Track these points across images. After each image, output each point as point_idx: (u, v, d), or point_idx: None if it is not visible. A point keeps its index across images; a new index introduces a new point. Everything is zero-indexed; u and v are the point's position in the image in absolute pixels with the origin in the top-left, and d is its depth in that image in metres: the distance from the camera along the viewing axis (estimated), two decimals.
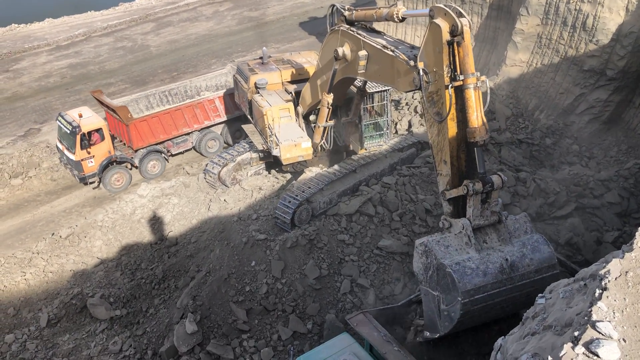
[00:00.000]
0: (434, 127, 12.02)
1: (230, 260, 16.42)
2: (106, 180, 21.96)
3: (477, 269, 11.05)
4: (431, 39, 11.56)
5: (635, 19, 20.23)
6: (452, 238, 11.58)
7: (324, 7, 42.44)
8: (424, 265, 11.74)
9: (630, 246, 5.75)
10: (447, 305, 11.26)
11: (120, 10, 45.59)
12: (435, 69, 11.61)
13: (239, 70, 21.71)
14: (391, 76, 13.45)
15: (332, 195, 18.31)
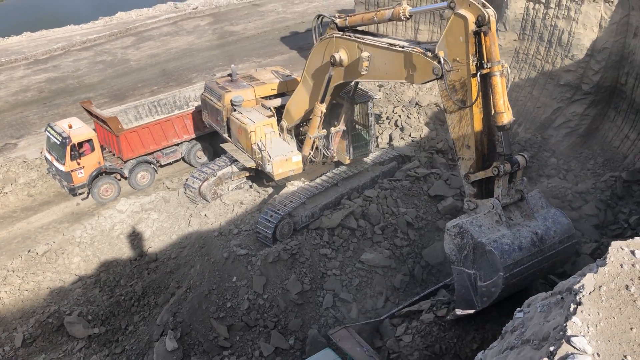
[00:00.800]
0: (454, 114, 12.63)
1: (211, 276, 16.26)
2: (95, 191, 21.79)
3: (513, 244, 11.76)
4: (454, 30, 12.03)
5: (608, 35, 20.69)
6: (483, 218, 12.22)
7: (305, 22, 42.78)
8: (457, 246, 12.27)
9: (604, 260, 5.83)
10: (484, 282, 11.86)
11: (100, 25, 45.34)
12: (458, 58, 12.14)
13: (209, 89, 21.52)
14: (402, 72, 13.93)
15: (314, 209, 18.28)
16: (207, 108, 21.73)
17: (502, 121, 11.96)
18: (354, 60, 15.65)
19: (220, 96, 20.42)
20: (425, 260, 17.15)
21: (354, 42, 15.60)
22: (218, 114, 20.74)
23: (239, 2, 50.17)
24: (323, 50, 17.07)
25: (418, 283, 16.76)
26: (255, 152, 19.23)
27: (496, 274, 11.54)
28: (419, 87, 28.58)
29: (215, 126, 21.68)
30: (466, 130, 12.55)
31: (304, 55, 36.08)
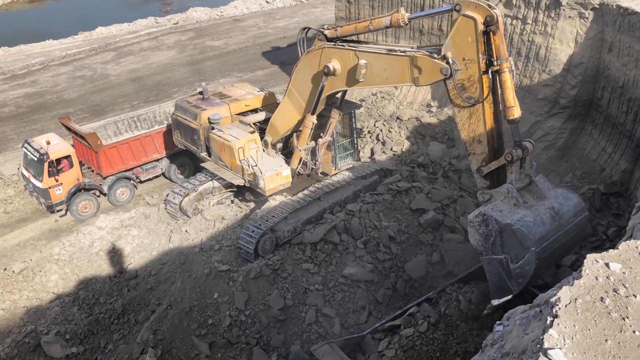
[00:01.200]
0: (463, 111, 13.30)
1: (192, 292, 16.08)
2: (74, 208, 21.47)
3: (536, 220, 12.39)
4: (462, 31, 12.71)
5: (584, 50, 21.11)
6: (501, 204, 12.86)
7: (287, 37, 42.99)
8: (483, 235, 12.77)
9: (579, 273, 5.89)
10: (517, 263, 12.31)
11: (79, 39, 45.06)
12: (466, 57, 12.81)
13: (181, 109, 21.16)
14: (405, 75, 14.50)
15: (297, 224, 18.22)
16: (181, 128, 21.30)
17: (513, 115, 12.81)
18: (348, 69, 15.99)
19: (196, 115, 20.20)
20: (408, 274, 17.17)
21: (348, 50, 15.86)
22: (194, 133, 20.46)
23: (220, 18, 50.28)
24: (312, 62, 17.23)
25: (401, 297, 16.77)
26: (243, 168, 19.05)
27: (527, 251, 12.01)
28: (400, 101, 28.84)
29: (190, 146, 21.30)
30: (477, 126, 13.25)
31: (285, 70, 36.21)
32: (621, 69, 19.90)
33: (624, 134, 19.90)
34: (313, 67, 17.29)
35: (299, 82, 18.14)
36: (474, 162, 13.76)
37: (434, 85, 28.25)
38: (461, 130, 13.66)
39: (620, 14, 19.51)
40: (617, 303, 5.49)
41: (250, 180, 19.15)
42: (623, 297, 5.56)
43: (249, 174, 19.01)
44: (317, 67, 17.16)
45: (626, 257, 6.12)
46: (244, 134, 19.52)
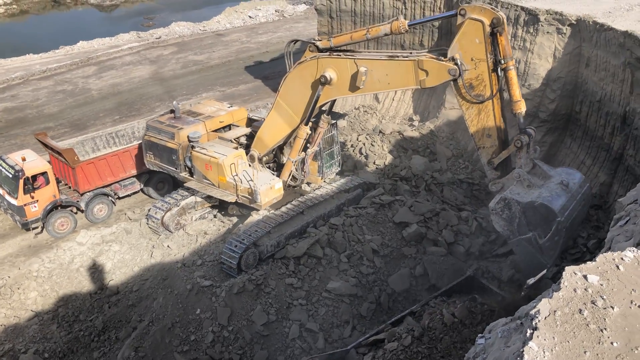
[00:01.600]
0: (472, 108, 14.28)
1: (174, 308, 15.91)
2: (50, 226, 21.13)
3: (552, 195, 13.43)
4: (469, 33, 13.64)
5: (562, 65, 21.49)
6: (515, 188, 13.85)
7: (269, 52, 43.19)
8: (507, 219, 13.68)
9: (558, 285, 5.96)
10: (545, 237, 13.14)
11: (60, 54, 44.78)
12: (475, 58, 13.75)
13: (154, 129, 20.63)
14: (409, 79, 15.19)
15: (280, 238, 18.17)
16: (155, 149, 20.75)
17: (520, 108, 13.97)
18: (345, 78, 16.37)
19: (174, 134, 19.85)
20: (392, 288, 17.16)
21: (346, 59, 16.19)
22: (172, 153, 20.11)
23: (202, 32, 50.36)
24: (304, 73, 17.37)
25: (384, 311, 16.74)
26: (236, 185, 18.87)
27: (553, 223, 12.90)
28: (382, 115, 29.05)
29: (166, 167, 20.82)
30: (486, 121, 14.30)
31: (268, 85, 36.32)
32: (598, 83, 20.28)
33: (602, 147, 20.23)
34: (305, 78, 17.42)
35: (288, 94, 18.15)
36: (484, 156, 14.84)
37: (416, 99, 28.59)
38: (470, 126, 14.68)
39: (596, 30, 19.91)
40: (595, 315, 5.55)
41: (243, 196, 18.94)
42: (601, 308, 5.62)
43: (243, 189, 18.81)
44: (310, 77, 17.28)
45: (604, 269, 6.20)
46: (229, 150, 19.44)
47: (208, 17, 55.37)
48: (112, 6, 66.98)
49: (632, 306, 5.72)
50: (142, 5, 67.63)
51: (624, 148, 18.96)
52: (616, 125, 19.41)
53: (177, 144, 19.83)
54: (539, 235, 13.20)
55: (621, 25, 18.99)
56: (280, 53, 42.06)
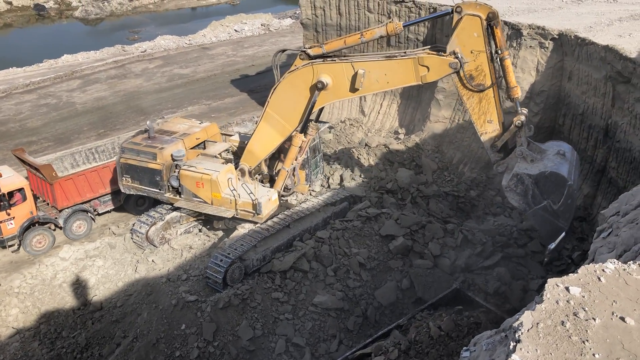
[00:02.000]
0: (473, 98, 15.43)
1: (158, 324, 15.72)
2: (27, 243, 20.78)
3: (556, 164, 14.74)
4: (468, 28, 14.69)
5: (545, 78, 21.78)
6: (521, 164, 15.05)
7: (255, 66, 43.29)
8: (522, 193, 14.80)
9: (541, 297, 5.99)
10: (559, 202, 14.43)
11: (44, 67, 44.51)
12: (474, 50, 14.81)
13: (131, 151, 19.95)
14: (409, 76, 15.96)
15: (266, 252, 18.07)
16: (133, 172, 20.05)
17: (517, 93, 15.38)
18: (341, 81, 16.84)
19: (155, 155, 19.47)
20: (378, 301, 17.12)
21: (342, 63, 16.63)
22: (155, 174, 19.64)
23: (188, 46, 50.39)
24: (296, 81, 17.51)
25: (371, 324, 16.67)
26: (235, 200, 18.75)
27: (565, 187, 14.25)
28: (368, 128, 29.18)
29: (147, 189, 20.19)
30: (487, 108, 15.48)
31: (254, 98, 36.36)
32: (581, 96, 20.57)
33: (585, 160, 20.45)
34: (297, 86, 17.55)
35: (279, 104, 18.13)
36: (487, 141, 16.01)
37: (402, 112, 28.75)
38: (472, 115, 15.86)
39: (578, 44, 20.24)
40: (578, 327, 5.58)
41: (243, 210, 18.80)
42: (583, 320, 5.65)
43: (243, 203, 18.68)
44: (302, 85, 17.45)
45: (585, 280, 6.24)
46: (219, 166, 19.30)
47: (194, 30, 55.45)
48: (97, 20, 66.86)
49: (614, 317, 5.75)
50: (127, 18, 67.59)
51: (607, 160, 19.20)
52: (599, 137, 19.67)
53: (160, 164, 19.43)
54: (553, 202, 14.43)
55: (602, 40, 19.33)
56: (267, 66, 42.36)
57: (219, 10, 69.66)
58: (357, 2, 28.46)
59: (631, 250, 8.00)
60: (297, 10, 51.32)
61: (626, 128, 17.80)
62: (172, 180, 19.51)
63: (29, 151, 26.54)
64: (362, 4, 27.96)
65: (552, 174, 14.40)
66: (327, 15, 30.21)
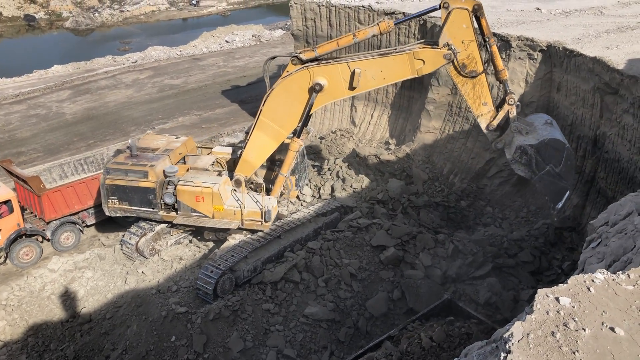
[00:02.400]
0: (467, 84, 16.57)
1: (148, 336, 15.58)
2: (13, 255, 20.55)
3: (549, 132, 16.14)
4: (457, 21, 15.77)
5: (534, 89, 21.97)
6: (518, 137, 16.30)
7: (246, 76, 43.37)
8: (526, 162, 16.16)
9: (531, 308, 6.00)
10: (560, 165, 15.93)
11: (34, 78, 44.35)
12: (465, 40, 15.94)
13: (117, 171, 19.20)
14: (405, 70, 16.83)
15: (257, 263, 18.00)
16: (122, 193, 19.32)
17: (505, 75, 16.67)
18: (337, 82, 17.39)
19: (147, 173, 18.95)
20: (369, 312, 17.08)
21: (337, 64, 17.17)
22: (148, 193, 19.08)
23: (179, 56, 50.43)
24: (291, 86, 17.70)
25: (362, 335, 16.62)
26: (240, 210, 18.76)
27: (564, 150, 15.81)
28: (359, 139, 29.27)
29: (138, 210, 19.57)
30: (481, 92, 16.61)
31: (245, 108, 36.39)
32: (569, 107, 20.76)
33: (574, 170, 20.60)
34: (292, 91, 17.76)
35: (273, 110, 18.18)
36: (483, 122, 17.03)
37: (392, 123, 28.86)
38: (468, 100, 16.92)
39: (566, 56, 20.46)
40: (568, 337, 5.59)
41: (250, 220, 18.86)
42: (573, 331, 5.67)
43: (250, 212, 18.75)
44: (297, 89, 17.67)
45: (575, 291, 6.27)
46: (216, 178, 19.19)
47: (185, 41, 55.55)
48: (87, 30, 66.78)
49: (603, 328, 5.77)
50: (118, 29, 67.60)
51: (596, 171, 19.35)
52: (587, 148, 19.83)
53: (153, 182, 18.94)
54: (555, 165, 15.94)
55: (590, 52, 19.56)
56: (258, 77, 42.46)
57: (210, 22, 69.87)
58: (348, 14, 28.65)
59: (620, 260, 8.04)
60: (288, 21, 51.52)
61: (614, 139, 17.97)
62: (166, 198, 19.07)
63: (18, 162, 26.41)
64: (352, 15, 28.14)
65: (551, 141, 15.83)
66: (318, 26, 30.37)
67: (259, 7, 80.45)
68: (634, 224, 8.89)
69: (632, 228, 8.78)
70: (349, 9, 28.50)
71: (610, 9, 27.37)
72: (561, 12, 27.15)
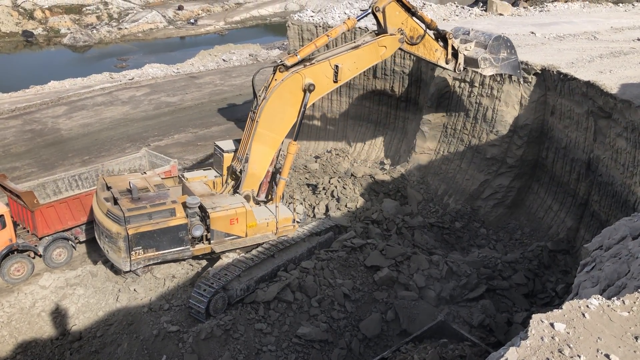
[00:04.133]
0: (420, 47, 20.45)
1: (139, 355, 15.42)
2: (4, 271, 20.31)
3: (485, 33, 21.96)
4: (392, 12, 19.39)
5: (529, 112, 22.15)
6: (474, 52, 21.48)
7: (242, 95, 43.53)
8: (490, 64, 21.39)
9: (526, 334, 5.97)
10: (506, 50, 21.49)
11: (30, 93, 44.31)
12: (403, 20, 19.72)
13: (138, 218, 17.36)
14: (372, 57, 19.77)
15: (250, 282, 17.90)
16: (149, 239, 17.62)
17: (435, 24, 20.79)
18: (322, 79, 18.93)
19: (173, 210, 17.77)
20: (363, 333, 16.96)
21: (321, 63, 18.74)
22: (180, 230, 17.87)
23: (176, 74, 50.58)
24: (283, 92, 18.41)
25: (355, 357, 16.48)
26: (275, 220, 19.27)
27: (501, 38, 21.42)
28: (354, 159, 29.32)
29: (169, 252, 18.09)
30: (430, 45, 20.72)
31: (241, 127, 36.35)
32: (563, 130, 20.91)
33: (568, 193, 20.69)
34: (285, 97, 18.51)
35: (269, 120, 18.62)
36: (441, 61, 21.28)
37: (387, 143, 28.97)
38: (425, 56, 20.79)
39: (560, 79, 20.67)
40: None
41: (285, 227, 19.61)
42: (568, 357, 5.64)
43: (283, 219, 19.44)
44: (289, 94, 18.54)
45: (570, 316, 6.24)
46: (234, 198, 19.15)
47: (182, 59, 55.72)
48: (85, 47, 67.00)
49: (599, 354, 5.74)
50: (115, 46, 67.85)
51: (589, 194, 19.44)
52: (581, 171, 19.94)
53: (183, 217, 17.88)
54: (504, 51, 21.37)
55: (584, 76, 19.78)
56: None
57: (207, 40, 70.19)
58: (344, 35, 28.89)
59: (615, 285, 8.03)
60: (285, 41, 51.91)
61: (608, 162, 18.09)
62: (195, 231, 18.13)
63: (12, 177, 26.25)
64: (349, 36, 28.37)
65: (493, 38, 21.16)
66: None
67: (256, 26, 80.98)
68: (627, 249, 8.91)
69: (626, 253, 8.79)
70: None
71: (603, 34, 27.74)
72: (555, 36, 27.49)
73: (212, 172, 20.91)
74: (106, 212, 17.78)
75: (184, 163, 30.36)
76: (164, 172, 22.36)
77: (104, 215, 17.93)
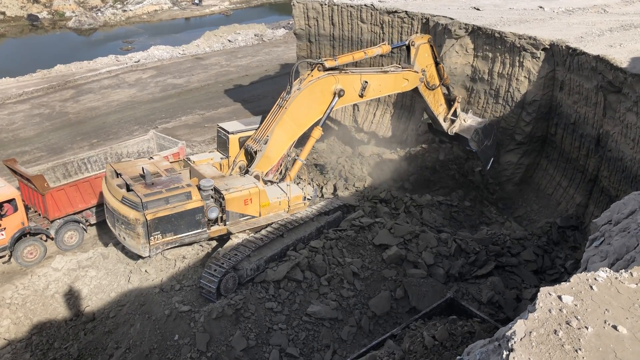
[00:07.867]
0: (430, 95, 21.94)
1: (151, 334, 15.63)
2: (18, 254, 20.61)
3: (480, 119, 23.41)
4: (423, 53, 21.15)
5: (537, 88, 21.93)
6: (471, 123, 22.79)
7: (249, 75, 43.45)
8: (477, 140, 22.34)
9: (534, 307, 6.00)
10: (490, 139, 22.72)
11: (37, 77, 44.41)
12: (428, 64, 21.55)
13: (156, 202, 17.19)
14: (395, 86, 21.20)
15: (260, 262, 18.03)
16: (167, 224, 17.51)
17: (448, 81, 22.73)
18: (351, 89, 20.03)
19: (189, 193, 17.70)
20: (372, 311, 17.08)
21: (354, 75, 19.98)
22: (196, 213, 17.86)
23: (182, 56, 50.46)
24: (315, 90, 19.31)
25: (365, 334, 16.64)
26: (287, 198, 19.70)
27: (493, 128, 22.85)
28: (362, 138, 29.24)
29: (187, 235, 18.10)
30: (438, 98, 22.33)
31: (248, 108, 36.42)
32: (572, 106, 20.72)
33: (577, 169, 20.58)
34: (316, 94, 19.41)
35: (297, 111, 19.19)
36: (441, 117, 22.68)
37: (395, 122, 28.90)
38: (430, 105, 22.08)
39: (569, 54, 20.41)
40: (570, 335, 5.59)
41: (296, 204, 20.12)
42: (575, 329, 5.67)
43: (295, 197, 19.95)
44: (320, 92, 19.48)
45: (577, 289, 6.27)
46: (243, 179, 19.22)
47: (187, 41, 55.50)
48: (90, 30, 66.81)
49: (606, 326, 5.77)
50: (121, 29, 67.60)
51: (599, 169, 19.33)
52: (590, 147, 19.80)
53: (199, 199, 17.90)
54: (488, 140, 22.52)
55: (593, 50, 19.52)
56: (260, 77, 42.67)
57: (212, 21, 69.79)
58: (350, 13, 28.64)
59: (623, 259, 8.04)
60: (290, 20, 51.52)
61: (617, 137, 17.94)
62: (210, 213, 18.17)
63: (22, 161, 26.47)
64: (354, 14, 28.13)
65: (488, 123, 22.58)
66: (320, 25, 30.36)
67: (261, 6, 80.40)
68: (637, 223, 8.89)
69: (635, 227, 8.78)
70: (352, 7, 28.48)
71: (613, 7, 27.33)
72: (564, 10, 27.11)
73: (218, 155, 20.94)
74: (121, 199, 17.59)
75: (191, 145, 30.44)
76: (172, 154, 22.46)
77: (118, 202, 17.74)
